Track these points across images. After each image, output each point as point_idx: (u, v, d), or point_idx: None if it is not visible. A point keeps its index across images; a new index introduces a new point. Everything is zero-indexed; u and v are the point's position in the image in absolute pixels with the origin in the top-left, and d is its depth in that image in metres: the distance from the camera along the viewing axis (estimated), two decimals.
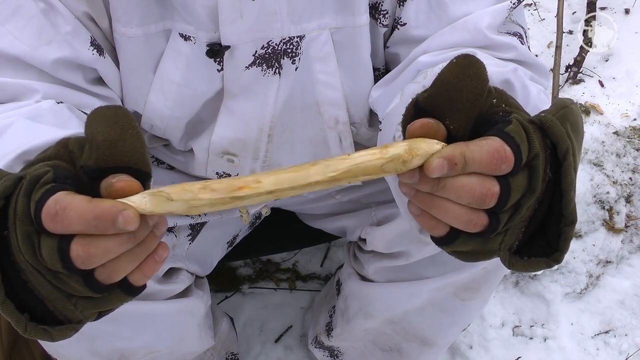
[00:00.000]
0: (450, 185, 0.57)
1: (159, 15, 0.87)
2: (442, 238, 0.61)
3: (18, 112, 0.78)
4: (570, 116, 0.62)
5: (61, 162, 0.59)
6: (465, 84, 0.58)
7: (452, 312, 1.17)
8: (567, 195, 0.60)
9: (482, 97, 0.59)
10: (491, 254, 0.62)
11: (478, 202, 0.57)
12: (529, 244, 0.63)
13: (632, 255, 1.80)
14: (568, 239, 0.61)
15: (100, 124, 0.56)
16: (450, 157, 0.56)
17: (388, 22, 0.92)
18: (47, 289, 0.57)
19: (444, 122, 0.59)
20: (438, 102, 0.59)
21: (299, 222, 1.36)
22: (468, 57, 0.59)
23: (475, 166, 0.57)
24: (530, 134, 0.59)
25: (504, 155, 0.57)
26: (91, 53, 0.86)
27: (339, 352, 1.40)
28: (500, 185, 0.58)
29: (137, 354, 1.08)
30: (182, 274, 1.11)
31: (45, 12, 0.84)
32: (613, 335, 1.71)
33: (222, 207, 0.57)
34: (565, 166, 0.60)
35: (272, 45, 0.88)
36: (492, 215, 0.59)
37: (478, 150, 0.57)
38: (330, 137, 1.01)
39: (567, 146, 0.60)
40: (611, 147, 1.81)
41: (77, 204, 0.53)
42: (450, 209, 0.58)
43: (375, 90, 0.96)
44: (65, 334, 0.59)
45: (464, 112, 0.58)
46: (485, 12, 0.86)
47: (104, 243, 0.54)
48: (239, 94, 0.92)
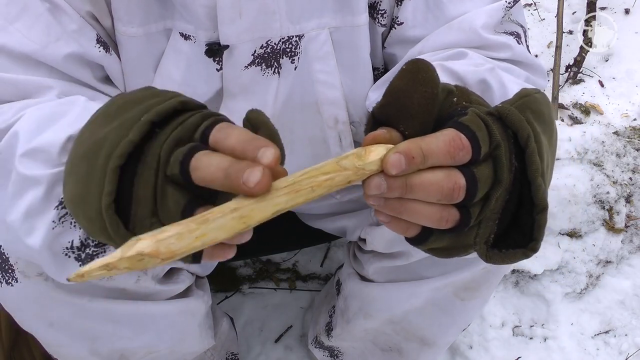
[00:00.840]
0: (418, 184, 0.57)
1: (159, 14, 0.88)
2: (415, 238, 0.61)
3: (68, 99, 0.80)
4: (531, 104, 0.62)
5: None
6: (415, 89, 0.58)
7: (452, 312, 1.17)
8: (535, 182, 0.60)
9: (434, 100, 0.59)
10: (467, 248, 0.63)
11: (447, 197, 0.58)
12: (505, 236, 0.63)
13: (632, 255, 1.80)
14: (542, 227, 0.61)
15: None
16: (407, 151, 0.56)
17: (386, 21, 0.92)
18: (148, 191, 0.58)
19: (399, 129, 0.59)
20: (390, 111, 0.59)
21: (299, 222, 1.36)
22: (417, 62, 0.59)
23: (434, 158, 0.57)
24: (489, 125, 0.59)
25: (459, 143, 0.57)
26: (98, 50, 0.87)
27: (339, 352, 1.40)
28: (466, 178, 0.58)
29: (137, 354, 1.08)
30: (182, 274, 1.11)
31: (51, 11, 0.84)
32: (613, 335, 1.71)
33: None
34: (528, 153, 0.60)
35: (271, 44, 0.88)
36: (462, 210, 0.59)
37: (434, 141, 0.57)
38: (330, 136, 1.01)
39: (527, 133, 0.60)
40: (611, 147, 1.81)
41: (241, 131, 0.57)
42: (421, 210, 0.58)
43: (373, 92, 0.96)
44: (125, 238, 0.57)
45: (417, 117, 0.59)
46: (481, 12, 0.86)
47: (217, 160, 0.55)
48: (239, 94, 0.93)
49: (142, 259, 0.52)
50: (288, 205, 0.57)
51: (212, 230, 0.54)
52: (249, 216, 0.55)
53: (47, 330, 0.96)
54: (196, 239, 0.53)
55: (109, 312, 0.99)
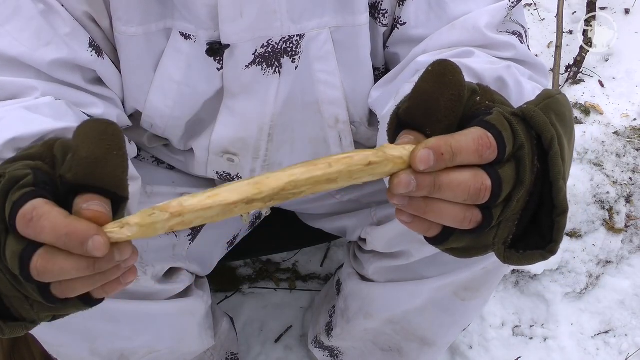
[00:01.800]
0: (447, 184, 0.57)
1: (159, 14, 0.88)
2: (435, 237, 0.61)
3: (15, 105, 0.79)
4: (554, 105, 0.62)
5: (43, 165, 0.58)
6: (442, 92, 0.58)
7: (452, 312, 1.16)
8: (557, 185, 0.60)
9: (460, 103, 0.59)
10: (486, 248, 0.62)
11: (473, 198, 0.57)
12: (523, 237, 0.63)
13: (632, 255, 1.80)
14: (561, 229, 0.61)
15: (87, 139, 0.56)
16: (436, 147, 0.56)
17: (388, 21, 0.92)
18: (7, 286, 0.57)
19: (425, 132, 0.59)
20: (416, 113, 0.59)
21: (299, 222, 1.36)
22: (443, 64, 0.58)
23: (462, 156, 0.56)
24: (513, 125, 0.59)
25: (487, 142, 0.57)
26: (90, 54, 0.87)
27: (339, 352, 1.40)
28: (491, 178, 0.57)
29: (137, 354, 1.08)
30: (182, 274, 1.11)
31: (44, 13, 0.84)
32: (613, 335, 1.71)
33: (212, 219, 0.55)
34: (552, 155, 0.60)
35: (272, 44, 0.88)
36: (485, 210, 0.59)
37: (463, 139, 0.57)
38: (331, 136, 1.01)
39: (551, 135, 0.60)
40: (611, 147, 1.81)
41: (54, 216, 0.53)
42: (446, 210, 0.58)
43: (375, 90, 0.96)
44: (16, 332, 0.60)
45: (444, 120, 0.58)
46: (484, 11, 0.86)
47: (63, 263, 0.53)
48: (239, 93, 0.92)
49: (152, 213, 0.53)
50: (304, 177, 0.55)
51: (225, 192, 0.54)
52: (263, 183, 0.55)
53: (47, 330, 0.96)
54: (208, 197, 0.54)
55: (109, 312, 0.99)
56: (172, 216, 0.53)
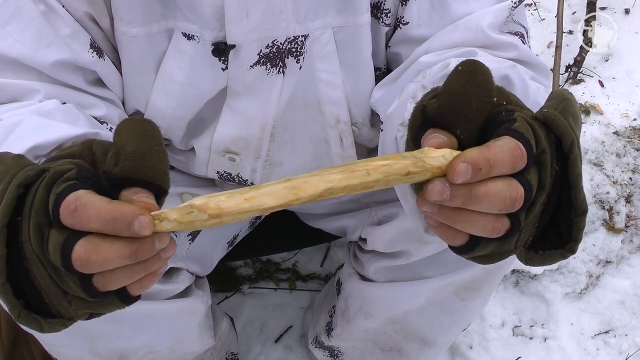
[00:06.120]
0: (482, 195, 0.56)
1: (161, 14, 0.87)
2: (462, 246, 0.61)
3: (26, 110, 0.79)
4: (570, 108, 0.62)
5: (84, 162, 0.60)
6: (473, 92, 0.58)
7: (453, 312, 1.17)
8: (576, 187, 0.61)
9: (490, 104, 0.59)
10: (508, 253, 0.63)
11: (508, 207, 0.57)
12: (542, 237, 0.63)
13: (632, 255, 1.80)
14: (581, 229, 0.62)
15: (131, 135, 0.58)
16: (475, 162, 0.56)
17: (390, 21, 0.92)
18: (46, 281, 0.58)
19: (455, 132, 0.59)
20: (448, 113, 0.59)
21: (299, 222, 1.35)
22: (474, 64, 0.58)
23: (498, 168, 0.56)
24: (535, 130, 0.59)
25: (519, 152, 0.57)
26: (90, 55, 0.87)
27: (339, 352, 1.40)
28: (524, 187, 0.58)
29: (137, 354, 1.08)
30: (182, 274, 1.11)
31: (45, 14, 0.84)
32: (613, 335, 1.71)
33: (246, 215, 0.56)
34: (572, 159, 0.60)
35: (277, 44, 0.88)
36: (513, 218, 0.59)
37: (500, 151, 0.56)
38: (331, 136, 1.01)
39: (572, 139, 0.60)
40: (611, 147, 1.81)
41: (98, 203, 0.54)
42: (476, 220, 0.58)
43: (377, 90, 0.96)
44: (54, 328, 0.60)
45: (474, 120, 0.59)
46: (487, 12, 0.86)
47: (105, 251, 0.54)
48: (243, 93, 0.92)
49: (191, 212, 0.54)
50: (341, 185, 0.56)
51: (262, 195, 0.55)
52: (300, 188, 0.56)
53: None
54: (245, 200, 0.55)
55: None
56: (211, 217, 0.54)
